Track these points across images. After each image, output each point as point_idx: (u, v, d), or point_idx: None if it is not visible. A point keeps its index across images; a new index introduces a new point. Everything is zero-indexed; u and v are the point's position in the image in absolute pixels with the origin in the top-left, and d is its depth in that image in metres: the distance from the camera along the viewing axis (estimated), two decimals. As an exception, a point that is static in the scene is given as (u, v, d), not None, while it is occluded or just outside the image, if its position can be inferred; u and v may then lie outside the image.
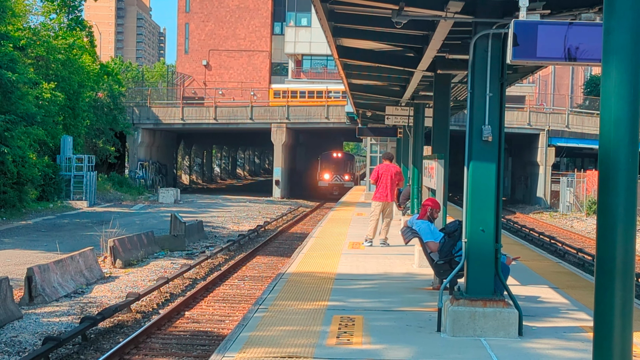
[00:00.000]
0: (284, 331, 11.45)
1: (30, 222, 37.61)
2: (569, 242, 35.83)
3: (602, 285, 4.51)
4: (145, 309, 18.61)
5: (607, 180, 4.49)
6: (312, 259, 19.46)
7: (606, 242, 4.49)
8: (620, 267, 4.45)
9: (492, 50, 11.22)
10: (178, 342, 15.21)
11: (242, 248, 30.54)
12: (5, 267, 22.10)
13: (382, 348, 10.51)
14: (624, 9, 4.44)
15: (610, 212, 4.48)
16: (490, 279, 11.33)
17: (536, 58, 9.07)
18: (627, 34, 4.43)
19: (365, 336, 11.19)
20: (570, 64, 9.14)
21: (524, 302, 12.99)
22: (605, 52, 4.49)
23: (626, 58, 4.43)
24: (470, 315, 11.24)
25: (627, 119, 4.44)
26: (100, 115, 61.60)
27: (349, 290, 14.98)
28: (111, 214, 41.37)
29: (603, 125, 4.53)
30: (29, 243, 28.88)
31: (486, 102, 11.26)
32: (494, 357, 10.17)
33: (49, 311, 17.74)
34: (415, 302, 13.84)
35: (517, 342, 10.98)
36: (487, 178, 11.26)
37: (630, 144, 4.45)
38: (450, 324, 11.29)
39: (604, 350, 4.51)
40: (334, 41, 16.85)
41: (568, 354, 10.41)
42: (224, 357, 9.96)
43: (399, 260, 19.20)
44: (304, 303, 13.60)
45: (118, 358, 13.70)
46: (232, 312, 18.15)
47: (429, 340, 11.02)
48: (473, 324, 11.23)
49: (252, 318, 12.31)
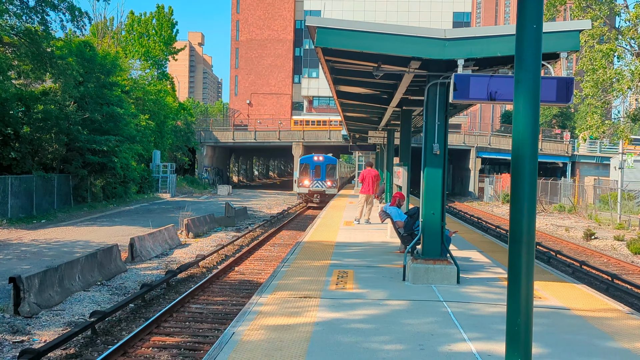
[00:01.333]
0: (301, 280, 11.47)
1: (132, 207, 37.66)
2: (490, 221, 35.76)
3: (513, 250, 4.52)
4: (208, 265, 18.65)
5: (516, 179, 4.51)
6: (319, 232, 19.48)
7: (516, 221, 4.50)
8: (525, 238, 4.46)
9: (439, 94, 11.23)
10: (230, 287, 15.25)
11: (273, 225, 30.54)
12: (115, 237, 22.15)
13: (366, 291, 10.56)
14: (527, 67, 4.46)
15: (518, 201, 4.50)
16: (438, 245, 11.35)
17: (469, 99, 9.08)
18: (530, 83, 4.45)
19: (355, 283, 11.23)
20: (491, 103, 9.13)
21: (460, 262, 12.94)
22: (515, 95, 4.51)
23: (529, 99, 4.46)
24: (424, 270, 11.27)
25: (529, 139, 4.46)
26: (178, 136, 61.72)
27: (344, 253, 14.99)
28: (185, 202, 41.39)
29: (514, 142, 4.54)
30: (131, 221, 28.94)
31: (435, 128, 11.27)
32: (440, 297, 10.17)
33: (144, 267, 17.79)
34: (388, 261, 13.85)
35: (456, 287, 11.00)
36: (436, 178, 11.27)
37: (532, 156, 4.48)
38: (411, 276, 11.32)
39: (514, 293, 4.52)
40: (334, 87, 16.85)
41: (490, 295, 10.42)
42: (261, 297, 9.98)
43: (377, 233, 19.19)
44: (314, 261, 13.62)
45: (190, 297, 13.74)
46: (266, 267, 18.16)
47: (397, 286, 11.05)
48: (427, 275, 11.26)
49: (280, 271, 12.34)
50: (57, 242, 21.42)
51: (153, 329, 11.21)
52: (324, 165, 44.13)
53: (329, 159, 44.93)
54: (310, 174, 43.73)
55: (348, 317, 8.79)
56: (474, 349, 7.41)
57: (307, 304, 9.57)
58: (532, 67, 4.48)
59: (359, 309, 9.32)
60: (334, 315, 8.89)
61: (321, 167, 43.87)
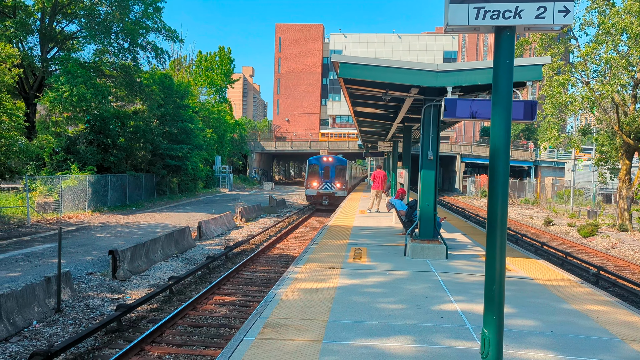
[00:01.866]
0: (326, 255, 11.46)
1: (200, 199, 37.95)
2: (472, 211, 35.36)
3: (490, 233, 4.47)
4: (256, 242, 18.72)
5: (493, 178, 4.46)
6: (340, 219, 19.44)
7: (492, 210, 4.45)
8: (499, 223, 4.41)
9: (433, 113, 11.14)
10: (272, 260, 15.29)
11: (305, 213, 30.55)
12: (187, 221, 22.35)
13: (376, 264, 10.51)
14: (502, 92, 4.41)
15: (494, 195, 4.44)
16: (431, 229, 11.26)
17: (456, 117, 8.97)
18: (503, 105, 4.40)
19: (368, 257, 11.18)
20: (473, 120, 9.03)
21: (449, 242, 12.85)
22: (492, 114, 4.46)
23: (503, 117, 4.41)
24: (421, 248, 11.19)
25: (503, 147, 4.41)
26: (234, 145, 62.03)
27: (359, 235, 14.95)
28: (239, 195, 41.62)
29: (491, 150, 4.49)
30: (199, 209, 29.17)
31: (430, 139, 11.18)
32: (432, 269, 10.10)
33: (208, 243, 17.92)
34: (393, 241, 13.78)
35: (445, 261, 10.90)
36: (430, 178, 11.18)
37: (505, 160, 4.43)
38: (411, 252, 11.25)
39: (491, 266, 4.48)
40: (352, 108, 16.82)
41: (471, 268, 10.31)
42: (296, 267, 10.00)
43: (385, 219, 19.11)
44: (336, 240, 13.60)
45: (243, 266, 13.81)
46: (299, 244, 18.17)
47: (400, 260, 10.99)
48: (422, 252, 11.17)
49: (310, 248, 12.34)
50: (144, 224, 21.70)
51: (215, 290, 11.30)
52: (334, 166, 33.46)
53: (338, 160, 34.05)
54: (320, 175, 33.33)
55: (362, 283, 8.77)
56: (459, 308, 7.35)
57: (330, 273, 9.56)
58: (505, 92, 4.43)
59: (371, 277, 9.30)
60: (352, 281, 8.88)
61: (330, 168, 33.33)
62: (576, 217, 30.82)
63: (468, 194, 57.65)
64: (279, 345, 5.76)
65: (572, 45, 23.87)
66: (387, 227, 16.92)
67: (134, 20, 31.02)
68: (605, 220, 28.16)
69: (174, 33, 33.08)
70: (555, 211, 35.09)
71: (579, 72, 23.23)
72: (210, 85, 63.81)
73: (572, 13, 4.21)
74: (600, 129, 25.99)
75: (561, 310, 7.50)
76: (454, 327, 6.54)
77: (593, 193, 40.62)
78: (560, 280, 9.54)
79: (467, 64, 10.36)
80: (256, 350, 5.60)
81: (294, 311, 7.04)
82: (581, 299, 8.20)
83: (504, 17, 4.30)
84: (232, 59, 68.35)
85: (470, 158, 62.07)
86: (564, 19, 4.26)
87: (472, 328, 6.48)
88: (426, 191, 11.17)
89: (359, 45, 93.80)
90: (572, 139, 27.87)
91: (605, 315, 7.32)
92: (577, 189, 38.30)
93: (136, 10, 31.38)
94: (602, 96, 22.10)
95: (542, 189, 45.39)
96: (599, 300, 8.20)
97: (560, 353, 5.77)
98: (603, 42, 21.91)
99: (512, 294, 8.20)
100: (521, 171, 62.00)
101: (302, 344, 5.82)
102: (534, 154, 60.67)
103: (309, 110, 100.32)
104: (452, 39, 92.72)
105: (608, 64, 21.93)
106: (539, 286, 8.99)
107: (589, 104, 22.82)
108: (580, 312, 7.43)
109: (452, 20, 4.34)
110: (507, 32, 4.41)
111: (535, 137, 74.37)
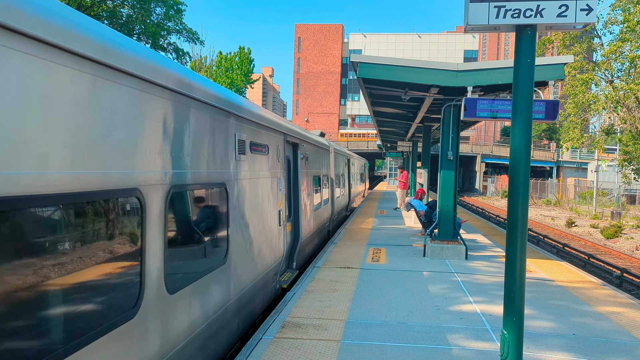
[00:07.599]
0: (344, 255, 11.46)
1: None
2: (492, 211, 35.06)
3: (510, 234, 4.43)
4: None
5: (513, 179, 4.42)
6: (359, 220, 19.41)
7: (512, 211, 4.41)
8: (520, 224, 4.37)
9: (453, 113, 11.07)
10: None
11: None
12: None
13: (395, 264, 10.47)
14: (523, 92, 4.37)
15: (515, 196, 4.40)
16: (450, 230, 11.20)
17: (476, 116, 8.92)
18: (524, 104, 4.35)
19: (386, 258, 11.15)
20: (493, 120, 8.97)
21: (468, 242, 12.77)
22: (513, 114, 4.42)
23: (524, 117, 4.36)
24: (440, 248, 11.12)
25: (524, 148, 4.37)
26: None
27: (378, 235, 14.91)
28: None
29: (512, 151, 4.45)
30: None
31: (449, 139, 11.12)
32: (452, 269, 10.03)
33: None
34: (412, 241, 13.71)
35: (464, 262, 10.83)
36: (450, 178, 11.12)
37: (526, 161, 4.38)
38: (430, 252, 11.19)
39: (511, 267, 4.44)
40: (371, 108, 16.80)
41: (491, 269, 10.21)
42: (314, 267, 10.01)
43: (404, 220, 19.04)
44: (355, 242, 13.57)
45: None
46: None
47: (419, 260, 10.93)
48: (441, 252, 11.11)
49: (327, 251, 12.35)
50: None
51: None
52: None
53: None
54: None
55: (380, 284, 8.76)
56: (478, 310, 7.30)
57: (349, 273, 9.55)
58: (526, 92, 4.38)
59: (389, 277, 9.27)
60: (370, 282, 8.87)
61: None
62: (599, 219, 30.29)
63: (488, 194, 57.15)
64: (297, 344, 5.79)
65: (596, 43, 23.51)
66: (406, 228, 16.83)
67: (155, 22, 31.41)
68: (629, 221, 27.66)
69: (194, 34, 33.39)
70: (578, 212, 34.53)
71: (603, 71, 22.85)
72: (231, 86, 64.23)
73: (595, 11, 4.13)
74: (624, 128, 25.55)
75: (582, 312, 7.38)
76: (473, 328, 6.48)
77: (617, 194, 39.92)
78: (581, 282, 9.39)
79: (488, 63, 10.28)
80: (275, 349, 5.64)
81: (312, 311, 7.06)
82: (603, 301, 8.07)
83: (525, 15, 4.25)
84: (251, 59, 68.62)
85: (490, 158, 61.51)
86: (587, 17, 4.19)
87: (491, 329, 6.43)
88: (446, 191, 11.10)
89: (378, 45, 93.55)
90: (595, 139, 27.47)
91: (628, 317, 7.19)
92: (600, 189, 37.67)
93: (158, 12, 31.77)
94: (626, 95, 21.73)
95: (564, 189, 44.75)
96: (622, 302, 8.06)
97: (581, 355, 5.69)
98: (628, 40, 21.52)
99: (532, 296, 8.10)
100: (543, 172, 61.14)
101: (320, 343, 5.84)
102: (556, 154, 59.84)
103: (329, 110, 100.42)
104: (472, 38, 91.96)
105: (633, 63, 21.54)
106: (560, 288, 8.87)
107: (612, 103, 22.45)
108: (603, 314, 7.31)
109: (472, 19, 4.31)
110: (528, 31, 4.36)
111: (558, 137, 73.40)
